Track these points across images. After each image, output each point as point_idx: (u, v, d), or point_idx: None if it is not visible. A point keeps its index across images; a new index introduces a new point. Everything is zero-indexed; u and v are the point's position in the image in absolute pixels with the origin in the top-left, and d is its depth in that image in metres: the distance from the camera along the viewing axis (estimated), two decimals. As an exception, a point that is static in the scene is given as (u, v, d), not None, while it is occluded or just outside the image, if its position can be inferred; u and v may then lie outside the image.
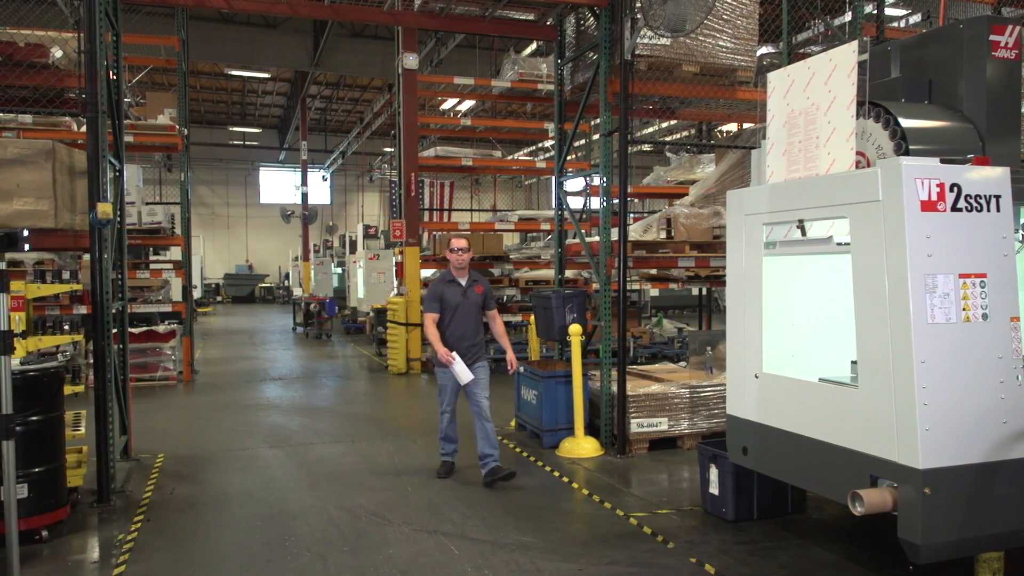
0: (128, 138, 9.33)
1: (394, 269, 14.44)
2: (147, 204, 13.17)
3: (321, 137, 33.95)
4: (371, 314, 17.02)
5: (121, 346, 7.12)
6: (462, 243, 6.66)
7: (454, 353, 6.41)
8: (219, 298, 36.27)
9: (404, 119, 13.19)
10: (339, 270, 24.76)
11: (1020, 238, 4.66)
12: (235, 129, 35.71)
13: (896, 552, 3.98)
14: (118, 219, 6.94)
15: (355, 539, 5.28)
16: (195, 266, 19.45)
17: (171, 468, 7.14)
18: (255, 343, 18.66)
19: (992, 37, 4.50)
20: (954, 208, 3.85)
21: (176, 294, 13.33)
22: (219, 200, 37.70)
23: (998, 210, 3.93)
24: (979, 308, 3.84)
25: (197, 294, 25.83)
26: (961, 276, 3.83)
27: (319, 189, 35.61)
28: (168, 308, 11.88)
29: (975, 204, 3.89)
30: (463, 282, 6.65)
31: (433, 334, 6.53)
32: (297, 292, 27.04)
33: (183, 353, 12.26)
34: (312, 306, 20.30)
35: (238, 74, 25.19)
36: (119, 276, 7.11)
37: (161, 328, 12.00)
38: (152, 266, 13.17)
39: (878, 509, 3.84)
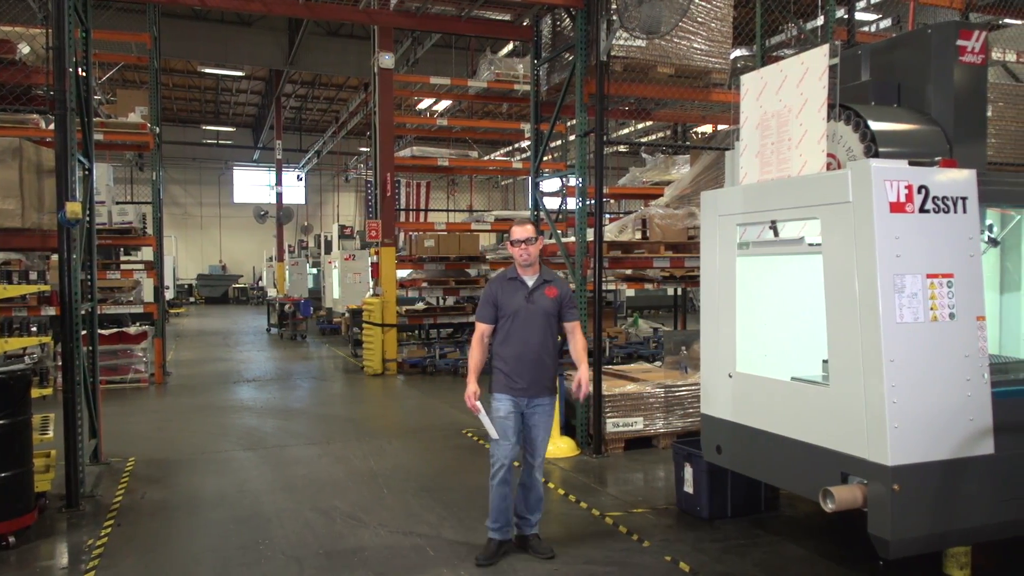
0: (98, 136, 9.21)
1: (370, 270, 14.38)
2: (118, 203, 13.03)
3: (296, 136, 33.74)
4: (346, 315, 16.94)
5: (90, 348, 7.02)
6: (526, 231, 4.84)
7: (480, 404, 4.76)
8: (192, 299, 35.89)
9: (380, 119, 13.14)
10: (314, 270, 24.62)
11: (985, 239, 4.75)
12: (208, 128, 35.37)
13: (867, 548, 4.04)
14: (87, 219, 6.84)
15: (330, 541, 5.25)
16: (167, 267, 19.27)
17: (142, 472, 7.05)
18: (229, 344, 18.50)
19: (959, 42, 4.58)
20: (922, 209, 3.91)
21: (148, 295, 13.17)
22: (192, 200, 37.31)
23: (964, 212, 4.00)
24: (946, 308, 3.90)
25: (169, 295, 25.57)
26: (929, 276, 3.89)
27: (294, 189, 35.38)
28: (139, 309, 11.74)
29: (942, 206, 3.95)
30: (529, 282, 4.90)
31: (475, 356, 4.87)
32: (271, 293, 26.84)
33: (155, 355, 12.12)
34: (287, 307, 20.16)
35: (212, 72, 24.96)
36: (88, 277, 7.01)
37: (132, 329, 11.85)
38: (123, 267, 12.99)
39: (849, 506, 3.89)
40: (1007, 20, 9.65)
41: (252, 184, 38.23)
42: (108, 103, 12.64)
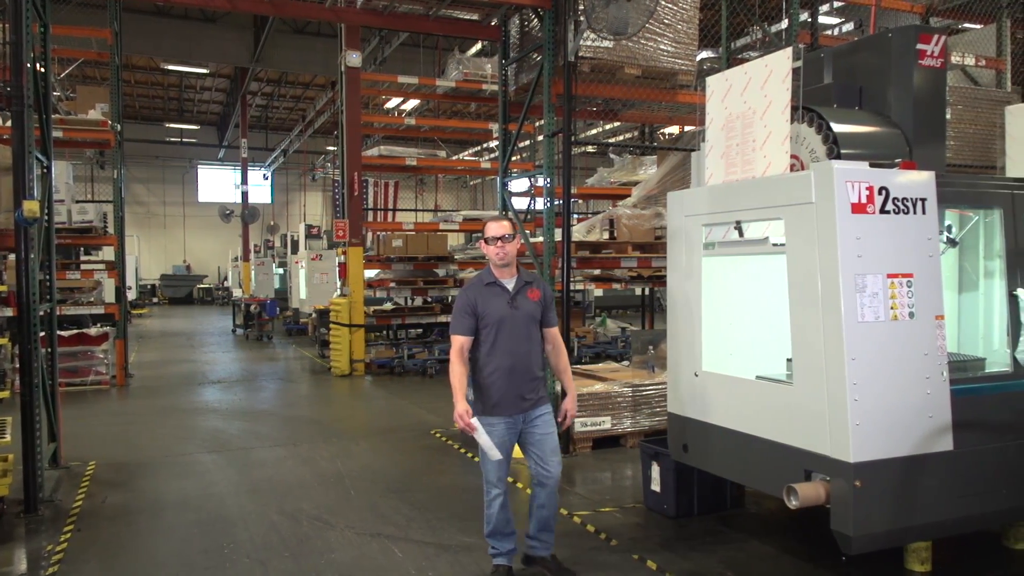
0: (57, 133, 9.04)
1: (337, 270, 14.27)
2: (78, 202, 12.79)
3: (262, 135, 33.37)
4: (313, 315, 16.80)
5: (49, 350, 6.88)
6: (503, 227, 4.37)
7: (476, 419, 4.24)
8: (155, 299, 35.34)
9: (347, 118, 13.05)
10: (280, 271, 24.37)
11: (944, 240, 4.84)
12: (172, 126, 34.86)
13: (830, 544, 4.09)
14: (46, 217, 6.71)
15: (296, 544, 5.20)
16: (130, 267, 18.94)
17: (103, 476, 6.92)
18: (193, 345, 18.24)
19: (919, 46, 4.67)
20: (882, 210, 3.98)
21: (109, 295, 12.93)
22: (155, 199, 36.76)
23: (924, 212, 4.08)
24: (906, 307, 3.98)
25: (132, 295, 25.13)
26: (889, 276, 3.96)
27: (260, 188, 34.99)
28: (100, 310, 11.51)
29: (902, 207, 4.02)
30: (509, 285, 4.40)
31: (457, 372, 4.28)
32: (237, 293, 26.51)
33: (116, 356, 11.91)
34: (252, 307, 19.93)
35: (175, 69, 24.60)
36: (47, 277, 6.87)
37: (93, 331, 11.64)
38: (83, 267, 12.74)
39: (812, 502, 3.95)
40: (966, 25, 9.86)
41: (217, 183, 37.75)
42: (68, 100, 12.41)
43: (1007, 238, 4.58)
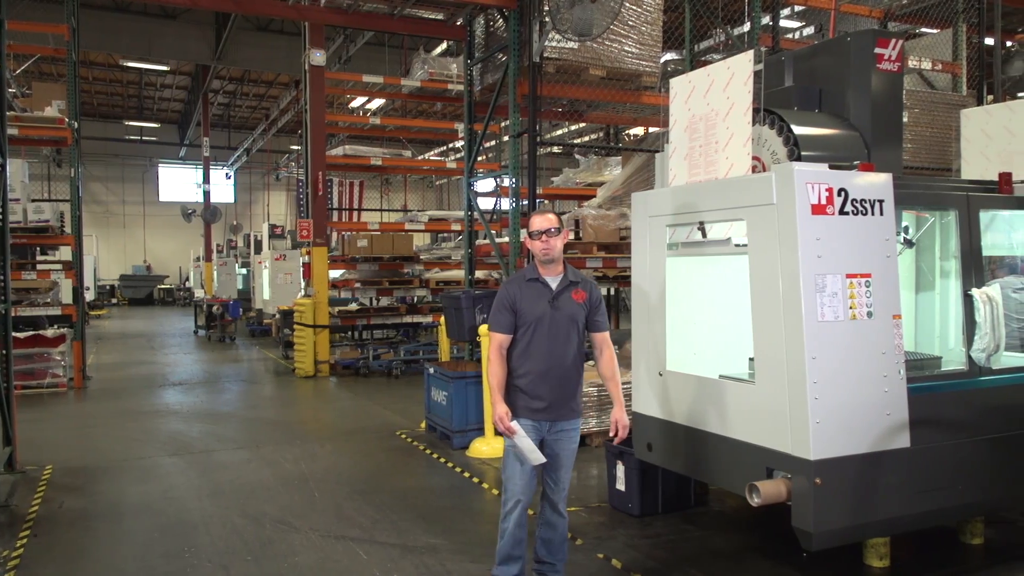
0: (12, 131, 8.83)
1: (301, 270, 14.14)
2: (34, 201, 12.53)
3: (224, 133, 32.91)
4: (277, 316, 16.62)
5: (4, 352, 6.72)
6: (549, 220, 4.05)
7: (516, 422, 3.97)
8: (114, 300, 34.72)
9: (311, 117, 12.94)
10: (243, 271, 24.08)
11: (901, 241, 4.94)
12: (131, 124, 34.25)
13: (791, 540, 4.15)
14: (0, 217, 6.55)
15: (259, 547, 5.14)
16: (88, 267, 18.57)
17: (60, 480, 6.77)
18: (153, 347, 17.95)
19: (877, 50, 4.76)
20: (841, 212, 4.05)
21: (66, 296, 12.65)
22: (114, 198, 36.10)
23: (881, 214, 4.15)
24: (864, 307, 4.05)
25: (90, 296, 24.66)
26: (848, 276, 4.02)
27: (222, 187, 34.56)
28: (57, 311, 11.28)
29: (861, 208, 4.09)
30: (553, 283, 4.12)
31: (496, 372, 4.07)
32: (199, 294, 26.14)
33: (74, 358, 11.67)
34: (215, 308, 19.66)
35: (134, 66, 24.14)
36: (1, 277, 6.71)
37: (49, 332, 11.38)
38: (40, 267, 12.49)
39: (774, 500, 4.00)
40: (923, 29, 10.06)
41: (178, 182, 37.17)
42: (23, 96, 12.13)
43: (962, 239, 4.68)
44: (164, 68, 25.18)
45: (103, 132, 32.79)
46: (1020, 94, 11.19)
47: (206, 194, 27.70)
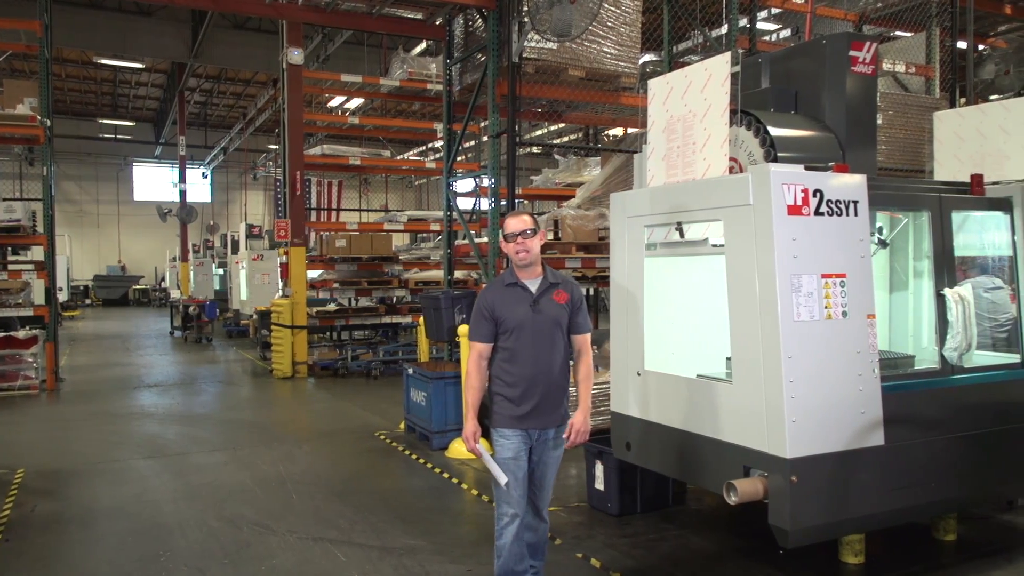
0: (-17, 129, 8.68)
1: (279, 270, 14.04)
2: (5, 200, 12.34)
3: (201, 132, 32.63)
4: (254, 316, 16.49)
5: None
6: (524, 222, 3.93)
7: (480, 446, 3.92)
8: (88, 301, 34.28)
9: (289, 116, 12.86)
10: (220, 271, 23.85)
11: (876, 241, 5.00)
12: (106, 122, 33.79)
13: (768, 538, 4.18)
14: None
15: (236, 551, 5.10)
16: (61, 267, 18.35)
17: (32, 484, 6.68)
18: (128, 348, 17.75)
19: (852, 53, 4.81)
20: (817, 212, 4.08)
21: (38, 297, 12.47)
22: (88, 197, 35.65)
23: (856, 215, 4.19)
24: (839, 306, 4.09)
25: (63, 297, 24.34)
26: (824, 276, 4.06)
27: (199, 186, 34.23)
28: (29, 312, 11.13)
29: (836, 209, 4.13)
30: (533, 286, 3.99)
31: (473, 385, 3.95)
32: (175, 294, 25.86)
33: (46, 360, 11.51)
34: (191, 309, 19.48)
35: (109, 63, 23.84)
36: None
37: (21, 334, 11.21)
38: (11, 267, 12.31)
39: (751, 498, 4.02)
40: (897, 33, 10.18)
41: (154, 181, 36.77)
42: (-6, 94, 11.91)
43: (934, 240, 4.74)
44: (139, 66, 24.89)
45: (76, 130, 32.37)
46: (992, 97, 11.36)
47: (182, 193, 27.40)
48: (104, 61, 23.12)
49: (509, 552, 3.90)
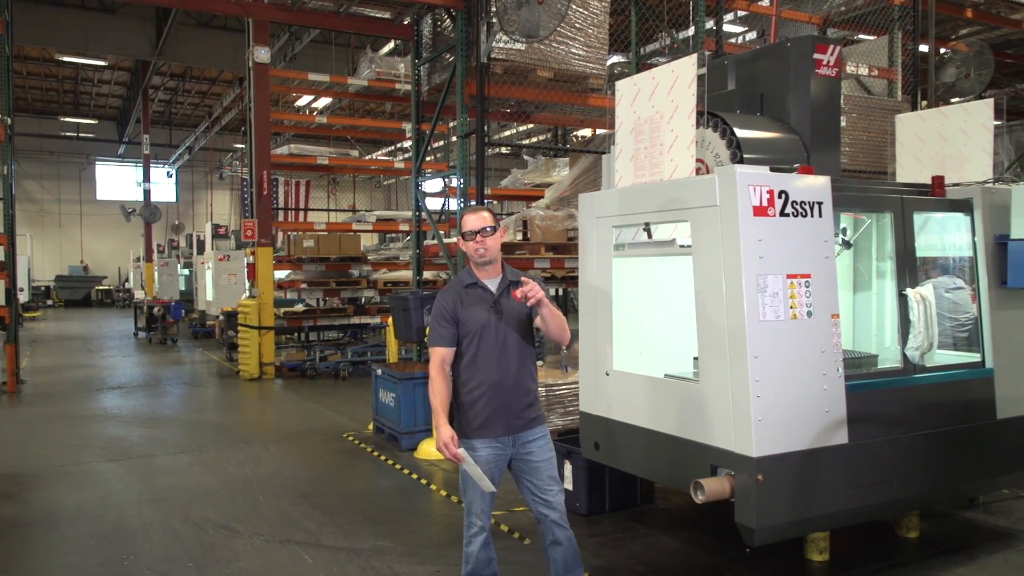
0: (-61, 127, 8.48)
1: (246, 271, 13.89)
2: (-37, 199, 12.02)
3: (165, 131, 32.13)
4: (221, 317, 16.30)
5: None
6: (483, 219, 3.77)
7: (464, 449, 3.61)
8: (50, 302, 33.63)
9: (256, 115, 12.72)
10: (186, 271, 23.57)
11: (839, 242, 5.07)
12: (68, 120, 33.15)
13: (735, 536, 4.22)
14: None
15: (201, 554, 5.03)
16: (22, 267, 17.97)
17: (-8, 488, 6.55)
18: (91, 350, 17.43)
19: (816, 55, 4.86)
20: (782, 213, 4.13)
21: (-1, 298, 12.21)
22: (50, 196, 34.97)
23: (820, 216, 4.25)
24: (804, 306, 4.13)
25: (24, 298, 23.85)
26: (789, 276, 4.11)
27: (164, 186, 33.74)
28: (-11, 313, 10.88)
29: (800, 210, 4.18)
30: (492, 285, 3.84)
31: (438, 391, 3.69)
32: (139, 295, 25.47)
33: (7, 362, 11.28)
34: (156, 309, 19.19)
35: (71, 61, 23.40)
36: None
37: (-19, 335, 10.98)
38: (-30, 267, 11.99)
39: (718, 496, 4.05)
40: (861, 36, 10.33)
41: (118, 180, 36.20)
42: (-49, 91, 11.63)
43: (897, 241, 4.81)
44: (102, 63, 24.46)
45: (37, 128, 31.74)
46: (953, 100, 11.58)
47: (146, 193, 26.98)
48: (66, 59, 22.69)
49: (476, 559, 3.81)
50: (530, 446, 3.81)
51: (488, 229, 3.74)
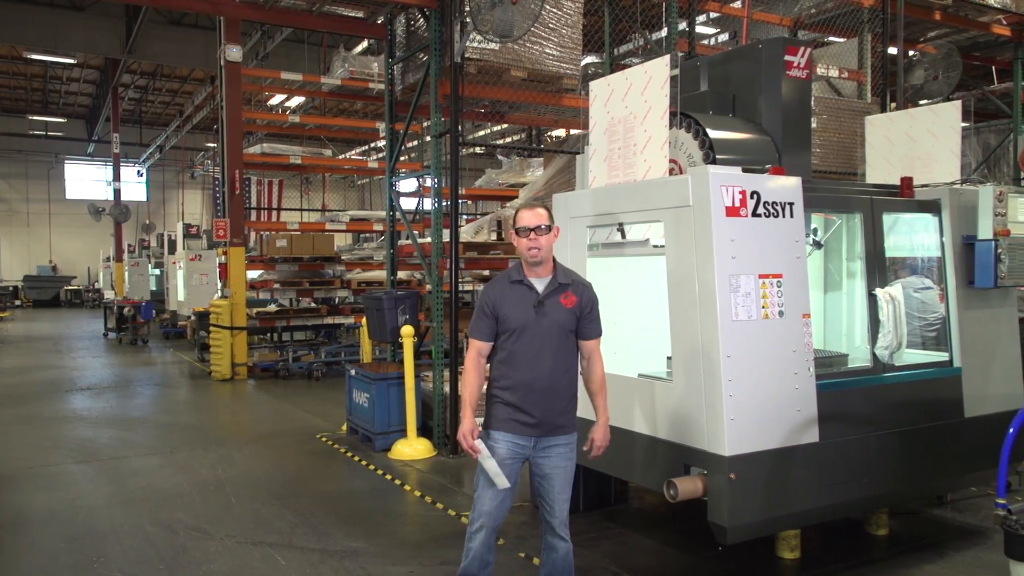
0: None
1: (217, 270, 13.75)
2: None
3: (136, 130, 31.70)
4: (192, 318, 16.12)
5: None
6: (538, 216, 3.68)
7: (481, 441, 3.64)
8: (18, 302, 33.06)
9: (228, 114, 12.59)
10: (157, 271, 23.28)
11: (811, 242, 5.12)
12: (36, 118, 32.59)
13: (708, 535, 4.25)
14: None
15: (172, 556, 4.97)
16: (-12, 267, 17.65)
17: (-44, 492, 6.42)
18: (60, 350, 17.16)
19: (787, 57, 4.91)
20: (754, 214, 4.17)
21: (-36, 299, 12.02)
22: (17, 195, 34.36)
23: (791, 216, 4.29)
24: (776, 306, 4.17)
25: (-10, 298, 23.43)
26: (761, 276, 4.15)
27: (134, 185, 33.30)
28: (-46, 314, 10.68)
29: (772, 210, 4.22)
30: (540, 286, 3.73)
31: (470, 382, 3.73)
32: (109, 295, 25.14)
33: (-28, 364, 11.07)
34: (126, 310, 18.93)
35: (39, 59, 23.01)
36: None
37: (-55, 337, 10.77)
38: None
39: (691, 495, 4.09)
40: (831, 38, 10.44)
41: (87, 179, 35.64)
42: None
43: (866, 241, 4.88)
44: (71, 61, 24.07)
45: (5, 127, 31.24)
46: (922, 102, 11.75)
47: (116, 192, 26.60)
48: (34, 56, 22.30)
49: (475, 556, 3.72)
50: (549, 451, 3.73)
51: (543, 227, 3.65)
